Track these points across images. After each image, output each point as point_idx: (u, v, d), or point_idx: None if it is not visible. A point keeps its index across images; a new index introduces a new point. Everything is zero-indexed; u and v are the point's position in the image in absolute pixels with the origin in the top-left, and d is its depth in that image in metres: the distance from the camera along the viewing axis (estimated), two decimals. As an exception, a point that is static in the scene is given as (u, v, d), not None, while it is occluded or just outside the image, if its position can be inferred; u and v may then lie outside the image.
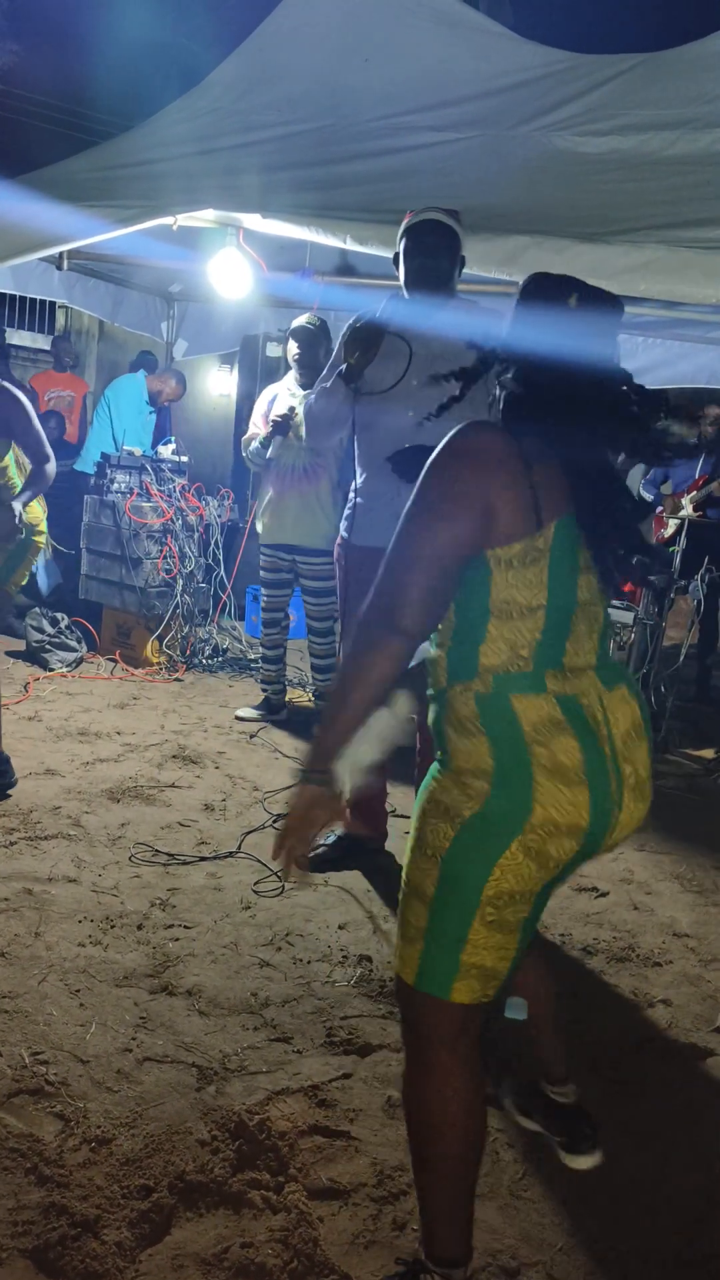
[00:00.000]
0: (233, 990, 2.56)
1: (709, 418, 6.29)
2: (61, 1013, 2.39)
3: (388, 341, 2.93)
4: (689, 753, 5.07)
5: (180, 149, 4.59)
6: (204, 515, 5.95)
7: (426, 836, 1.57)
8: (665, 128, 4.06)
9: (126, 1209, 1.84)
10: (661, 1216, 1.96)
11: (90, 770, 3.98)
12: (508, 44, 4.72)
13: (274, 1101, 2.14)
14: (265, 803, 3.85)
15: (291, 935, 2.88)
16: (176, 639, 5.83)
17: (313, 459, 4.57)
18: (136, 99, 6.89)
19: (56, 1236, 1.75)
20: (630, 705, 1.60)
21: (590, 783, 1.50)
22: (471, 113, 4.46)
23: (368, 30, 4.66)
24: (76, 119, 9.47)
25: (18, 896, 2.91)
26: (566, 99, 4.38)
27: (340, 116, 4.55)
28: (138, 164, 4.49)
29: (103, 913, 2.88)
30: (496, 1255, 1.83)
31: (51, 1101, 2.09)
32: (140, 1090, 2.15)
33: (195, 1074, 2.22)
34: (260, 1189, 1.92)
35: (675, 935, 3.12)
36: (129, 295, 7.22)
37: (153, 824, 3.53)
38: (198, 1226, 1.83)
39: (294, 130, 4.56)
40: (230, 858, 3.34)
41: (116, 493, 5.85)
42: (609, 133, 4.18)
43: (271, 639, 4.92)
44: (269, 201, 3.90)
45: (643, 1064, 2.45)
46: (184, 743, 4.41)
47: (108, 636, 5.96)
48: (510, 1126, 2.16)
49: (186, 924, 2.87)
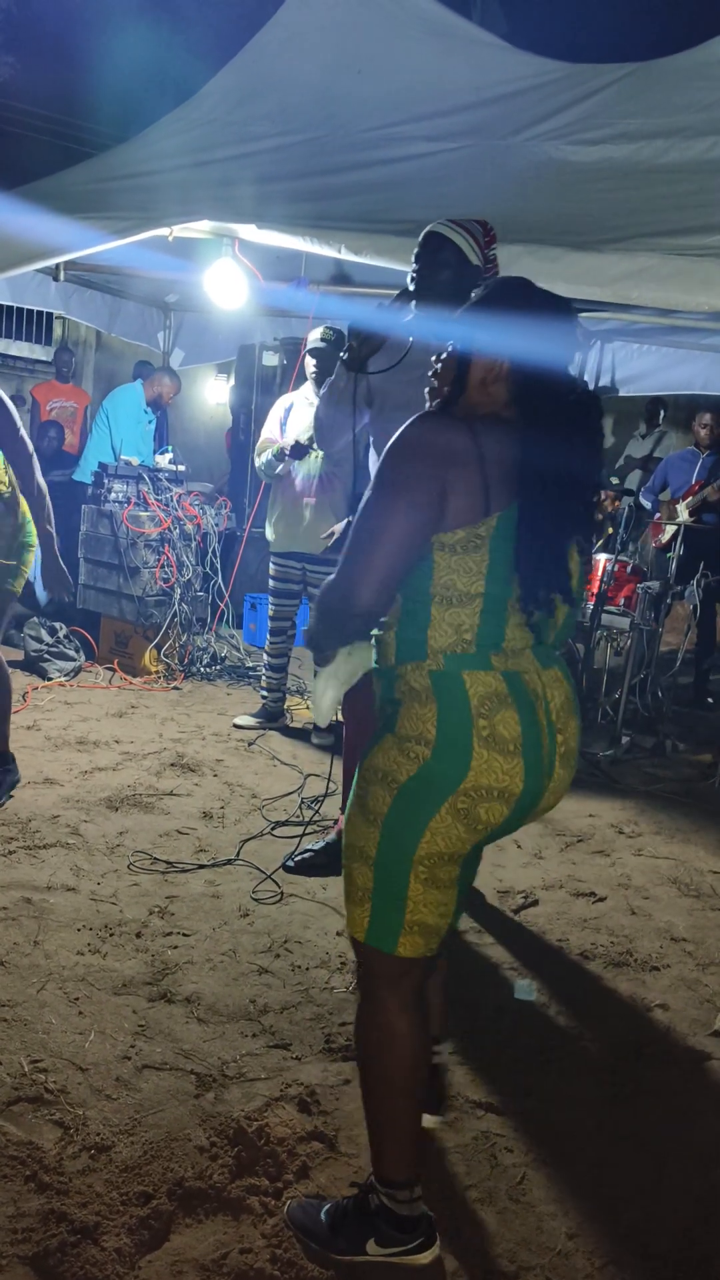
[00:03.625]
0: (231, 997, 2.57)
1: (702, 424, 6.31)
2: (60, 1021, 2.39)
3: (393, 338, 2.94)
4: (686, 757, 5.08)
5: (175, 160, 4.62)
6: (201, 524, 5.97)
7: (368, 802, 1.68)
8: (657, 136, 4.08)
9: (126, 1215, 1.84)
10: (659, 1221, 1.97)
11: (89, 779, 3.98)
12: (501, 54, 4.75)
13: (272, 1108, 2.15)
14: (264, 810, 3.85)
15: (290, 942, 2.88)
16: (174, 647, 5.84)
17: (329, 468, 4.58)
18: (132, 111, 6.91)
19: (56, 1243, 1.76)
20: (564, 684, 1.73)
21: (524, 754, 1.63)
22: (465, 123, 4.49)
23: (361, 41, 4.69)
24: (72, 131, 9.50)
25: (16, 905, 2.92)
26: (559, 108, 4.41)
27: (334, 127, 4.57)
28: (133, 176, 4.52)
29: (101, 921, 2.88)
30: (495, 1260, 1.83)
31: (51, 1109, 2.09)
32: (139, 1097, 2.16)
33: (194, 1081, 2.23)
34: (259, 1195, 1.92)
35: (673, 940, 3.13)
36: (126, 306, 7.25)
37: (151, 832, 3.54)
38: (197, 1233, 1.83)
39: (288, 141, 4.59)
40: (229, 865, 3.35)
41: (114, 502, 5.87)
42: (601, 142, 4.21)
43: (277, 647, 4.93)
44: (264, 212, 3.93)
45: (640, 1069, 2.46)
46: (182, 751, 4.42)
47: (106, 645, 5.97)
48: (509, 1132, 2.17)
49: (185, 931, 2.88)
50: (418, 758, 1.63)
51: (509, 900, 3.31)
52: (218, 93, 4.88)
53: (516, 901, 3.29)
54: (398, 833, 1.64)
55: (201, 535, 5.99)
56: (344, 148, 4.47)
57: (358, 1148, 2.07)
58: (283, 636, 4.92)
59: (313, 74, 4.68)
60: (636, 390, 7.18)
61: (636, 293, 3.33)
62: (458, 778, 1.61)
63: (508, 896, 3.33)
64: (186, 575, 5.87)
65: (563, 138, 4.26)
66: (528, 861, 3.64)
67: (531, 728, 1.63)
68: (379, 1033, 1.74)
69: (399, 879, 1.66)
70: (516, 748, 1.62)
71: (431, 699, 1.63)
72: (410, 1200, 1.77)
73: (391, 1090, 1.75)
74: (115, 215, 3.88)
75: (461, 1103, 2.25)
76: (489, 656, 1.63)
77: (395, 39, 4.65)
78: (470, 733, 1.60)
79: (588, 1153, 2.13)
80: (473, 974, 2.82)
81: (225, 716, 5.08)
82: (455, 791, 1.61)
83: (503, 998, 2.71)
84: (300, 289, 4.97)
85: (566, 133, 4.28)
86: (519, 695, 1.63)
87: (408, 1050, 1.74)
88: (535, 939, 3.07)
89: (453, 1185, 2.00)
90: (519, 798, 1.64)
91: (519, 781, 1.62)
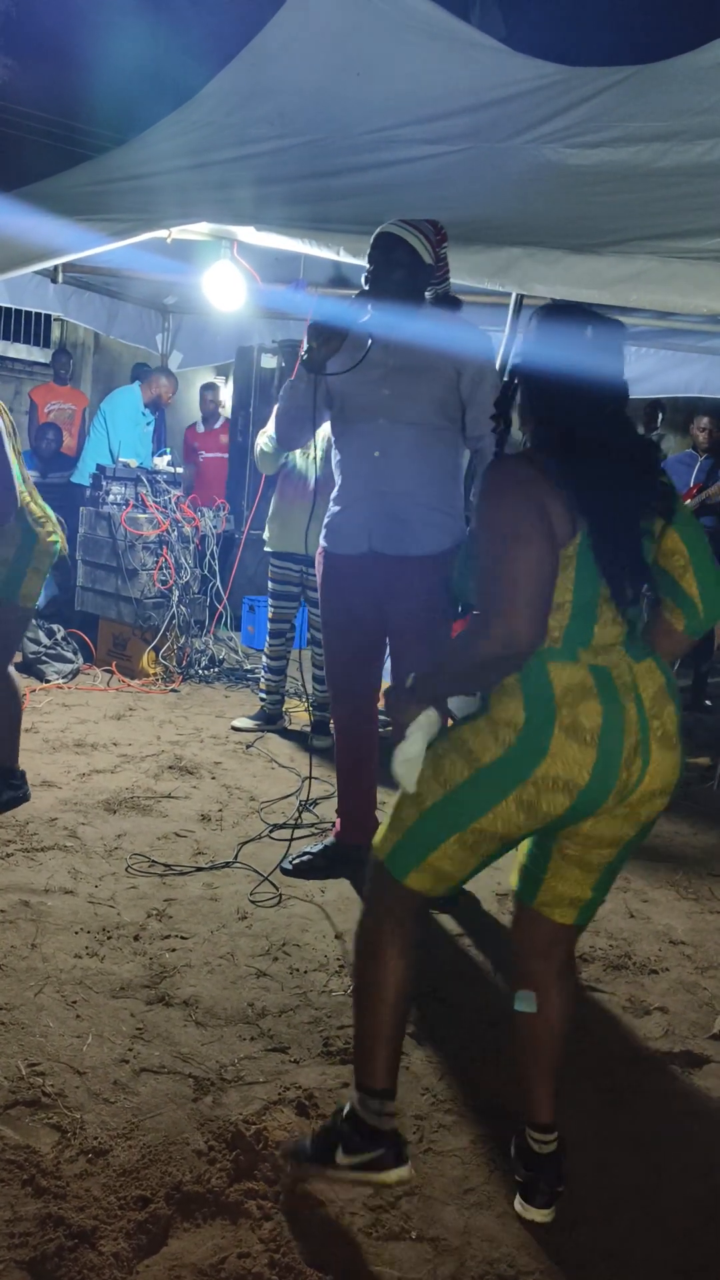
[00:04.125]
0: (229, 1000, 2.56)
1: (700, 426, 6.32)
2: (58, 1024, 2.39)
3: (352, 337, 2.95)
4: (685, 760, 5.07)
5: (174, 163, 4.62)
6: (199, 526, 5.97)
7: (444, 765, 1.79)
8: (656, 140, 4.09)
9: (123, 1220, 1.83)
10: (658, 1226, 1.96)
11: (87, 781, 3.98)
12: (499, 57, 4.76)
13: (271, 1111, 2.14)
14: (262, 813, 3.85)
15: (288, 945, 2.88)
16: (173, 650, 5.84)
17: (325, 468, 4.56)
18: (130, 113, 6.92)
19: (54, 1248, 1.75)
20: (657, 674, 1.83)
21: (601, 746, 1.71)
22: (464, 126, 4.49)
23: (360, 44, 4.70)
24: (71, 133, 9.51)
25: (14, 908, 2.91)
26: (558, 112, 4.41)
27: (333, 130, 4.58)
28: (132, 178, 4.52)
29: (99, 924, 2.88)
30: (494, 1264, 1.83)
31: (48, 1113, 2.08)
32: (137, 1101, 2.15)
33: (192, 1084, 2.22)
34: (257, 1199, 1.92)
35: (671, 942, 3.13)
36: (124, 308, 7.26)
37: (149, 835, 3.53)
38: (195, 1237, 1.83)
39: (287, 144, 4.60)
40: (227, 868, 3.34)
41: (112, 504, 5.86)
42: (600, 145, 4.21)
43: (276, 650, 4.92)
44: (262, 214, 3.93)
45: (639, 1072, 2.45)
46: (180, 753, 4.41)
47: (104, 648, 5.97)
48: (508, 1135, 2.16)
49: (183, 934, 2.87)
50: (504, 743, 1.72)
51: (508, 903, 3.30)
52: (216, 95, 4.88)
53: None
54: (462, 804, 1.77)
55: (200, 537, 5.99)
56: (343, 150, 4.47)
57: (356, 1151, 2.06)
58: (281, 639, 4.91)
59: (311, 77, 4.69)
60: (635, 393, 7.06)
61: (635, 295, 3.34)
62: (533, 764, 1.70)
63: (506, 900, 3.33)
64: (185, 577, 5.87)
65: (561, 141, 4.27)
66: (526, 864, 3.64)
67: (614, 719, 1.72)
68: (370, 944, 1.90)
69: (441, 834, 1.79)
70: (594, 739, 1.70)
71: (519, 690, 1.73)
72: (379, 1113, 1.86)
73: (373, 999, 1.88)
74: (114, 217, 3.88)
75: (460, 1106, 2.25)
76: (576, 650, 1.74)
77: (394, 42, 4.66)
78: (553, 719, 1.70)
79: (586, 1156, 2.12)
80: (470, 977, 2.82)
81: (223, 719, 5.07)
82: (527, 780, 1.71)
83: (501, 1001, 2.70)
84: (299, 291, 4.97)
85: (565, 136, 4.28)
86: (604, 688, 1.73)
87: (392, 965, 1.88)
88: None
89: (451, 1189, 2.00)
90: (583, 790, 1.71)
91: (586, 774, 1.70)
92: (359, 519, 3.12)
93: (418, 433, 3.03)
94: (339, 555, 3.20)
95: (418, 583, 3.09)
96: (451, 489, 3.15)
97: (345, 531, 3.17)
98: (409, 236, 2.95)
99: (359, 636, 3.26)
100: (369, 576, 3.14)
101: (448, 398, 3.03)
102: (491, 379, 3.06)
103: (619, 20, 9.81)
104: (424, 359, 2.99)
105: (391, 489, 3.06)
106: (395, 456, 3.05)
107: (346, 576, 3.20)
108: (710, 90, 4.14)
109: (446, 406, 3.04)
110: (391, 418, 3.03)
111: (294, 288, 4.89)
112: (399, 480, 3.06)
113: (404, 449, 3.04)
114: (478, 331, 3.21)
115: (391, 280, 2.96)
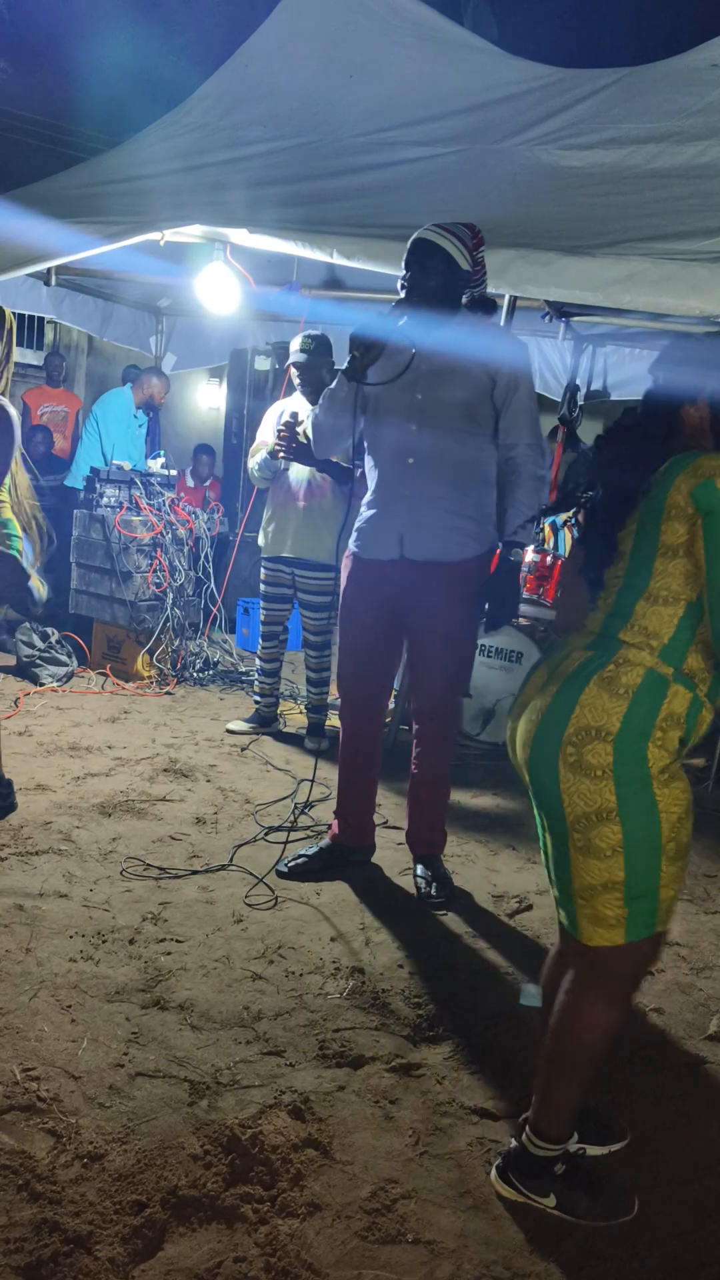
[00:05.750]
0: (225, 1004, 2.56)
1: None
2: (53, 1028, 2.38)
3: (392, 346, 2.93)
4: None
5: (167, 165, 4.63)
6: (194, 529, 5.96)
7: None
8: (649, 141, 4.10)
9: (119, 1225, 1.83)
10: (654, 1227, 1.96)
11: (81, 785, 3.97)
12: (492, 59, 4.76)
13: (266, 1115, 2.14)
14: (257, 815, 3.84)
15: (284, 948, 2.87)
16: (167, 652, 5.83)
17: (317, 473, 4.56)
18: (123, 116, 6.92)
19: (49, 1253, 1.75)
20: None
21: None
22: (456, 128, 4.50)
23: (353, 47, 4.70)
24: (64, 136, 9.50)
25: (9, 912, 2.90)
26: (551, 113, 4.42)
27: (326, 132, 4.58)
28: (125, 180, 4.52)
29: (94, 928, 2.87)
30: (490, 1266, 1.82)
31: (43, 1118, 2.08)
32: (132, 1105, 2.15)
33: (187, 1088, 2.22)
34: (253, 1203, 1.91)
35: (667, 944, 3.12)
36: (118, 310, 7.25)
37: (144, 838, 3.53)
38: (191, 1241, 1.82)
39: (280, 146, 4.60)
40: (222, 871, 3.34)
41: (106, 507, 5.86)
42: (593, 146, 4.22)
43: (269, 652, 4.92)
44: (255, 217, 3.93)
45: (635, 1073, 2.45)
46: (175, 756, 4.41)
47: (98, 651, 5.96)
48: (503, 1137, 2.16)
49: (178, 938, 2.87)
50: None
51: (504, 904, 3.30)
52: (209, 98, 4.89)
53: (511, 906, 3.29)
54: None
55: (194, 540, 5.98)
56: (336, 153, 4.48)
57: (352, 1154, 2.06)
58: (274, 641, 4.91)
59: (304, 79, 4.69)
60: (629, 395, 7.18)
61: (628, 297, 3.34)
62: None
63: (502, 901, 3.33)
64: (179, 580, 5.86)
65: (554, 143, 4.28)
66: (522, 866, 3.64)
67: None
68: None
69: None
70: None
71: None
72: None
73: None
74: (107, 220, 3.89)
75: (457, 1109, 2.25)
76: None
77: (387, 44, 4.66)
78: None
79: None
80: (467, 978, 2.82)
81: (218, 721, 5.07)
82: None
83: (496, 1002, 2.71)
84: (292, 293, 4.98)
85: (558, 138, 4.29)
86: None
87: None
88: (531, 943, 3.07)
89: (448, 1192, 2.00)
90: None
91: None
92: (391, 525, 3.10)
93: (451, 439, 3.02)
94: (368, 560, 3.18)
95: (443, 588, 3.08)
96: (484, 496, 3.13)
97: (376, 537, 3.15)
98: (445, 242, 2.93)
99: (376, 641, 3.25)
100: (394, 582, 3.13)
101: (481, 404, 3.02)
102: (526, 387, 3.06)
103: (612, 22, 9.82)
104: (459, 365, 2.98)
105: (424, 495, 3.05)
106: (428, 462, 3.03)
107: (373, 581, 3.18)
108: (703, 92, 4.15)
109: (479, 413, 3.03)
110: (424, 423, 3.02)
111: (287, 290, 4.89)
112: (431, 486, 3.04)
113: (437, 455, 3.03)
114: (513, 339, 3.20)
115: (428, 288, 2.95)
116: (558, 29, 9.42)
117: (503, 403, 3.04)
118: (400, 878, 3.43)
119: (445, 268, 2.94)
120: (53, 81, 9.62)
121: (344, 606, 3.30)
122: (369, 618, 3.23)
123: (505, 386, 3.02)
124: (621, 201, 3.84)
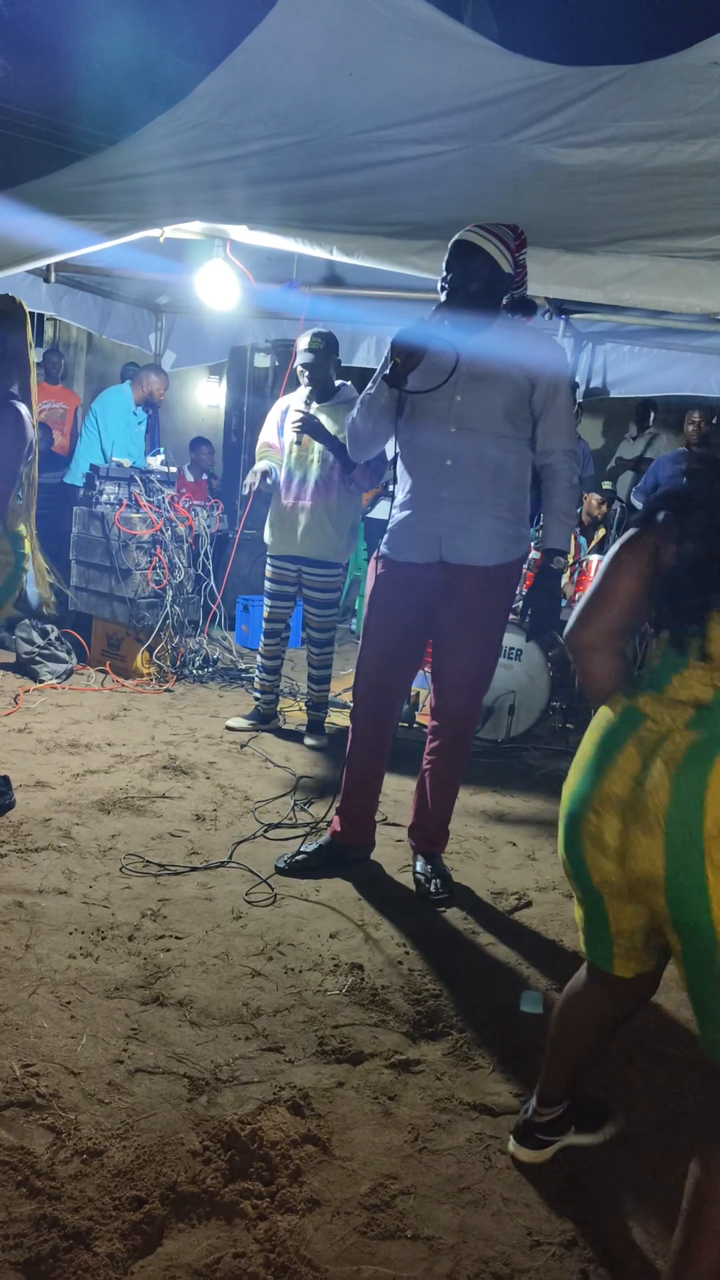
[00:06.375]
0: (224, 1000, 2.56)
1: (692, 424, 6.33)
2: (52, 1025, 2.38)
3: (434, 350, 2.92)
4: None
5: (166, 162, 4.62)
6: (193, 526, 5.96)
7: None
8: (648, 139, 4.10)
9: (118, 1220, 1.83)
10: (651, 1225, 1.97)
11: (81, 782, 3.97)
12: (492, 57, 4.76)
13: (266, 1111, 2.14)
14: (256, 812, 3.85)
15: (283, 945, 2.88)
16: (166, 650, 5.83)
17: (324, 472, 4.55)
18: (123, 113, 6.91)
19: (48, 1249, 1.75)
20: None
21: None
22: (457, 125, 4.49)
23: (353, 45, 4.69)
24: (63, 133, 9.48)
25: (8, 909, 2.91)
26: (551, 111, 4.42)
27: (326, 130, 4.58)
28: (124, 177, 4.51)
29: (94, 924, 2.87)
30: (489, 1262, 1.83)
31: (42, 1114, 2.08)
32: (132, 1101, 2.15)
33: (187, 1085, 2.22)
34: (252, 1199, 1.92)
35: (666, 941, 3.13)
36: (117, 307, 7.24)
37: (143, 835, 3.53)
38: (190, 1237, 1.83)
39: (279, 144, 4.59)
40: (221, 868, 3.34)
41: (105, 504, 5.86)
42: (593, 144, 4.22)
43: (271, 649, 4.92)
44: (255, 214, 3.93)
45: (632, 1071, 2.45)
46: (174, 753, 4.41)
47: (97, 648, 5.96)
48: (502, 1134, 2.16)
49: (177, 935, 2.87)
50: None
51: (503, 901, 3.31)
52: (209, 95, 4.88)
53: (511, 903, 3.29)
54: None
55: (194, 537, 5.98)
56: (335, 150, 4.47)
57: (351, 1150, 2.07)
58: (276, 639, 4.91)
59: (304, 77, 4.69)
60: (628, 392, 7.20)
61: (628, 294, 3.35)
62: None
63: (502, 898, 3.33)
64: (179, 577, 5.86)
65: (554, 140, 4.27)
66: (521, 863, 3.64)
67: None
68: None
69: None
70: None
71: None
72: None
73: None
74: (106, 217, 3.88)
75: (456, 1105, 2.25)
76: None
77: (386, 42, 4.66)
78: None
79: (581, 1155, 2.12)
80: (466, 975, 2.82)
81: (218, 719, 5.07)
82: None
83: (496, 999, 2.71)
84: (292, 290, 4.97)
85: (558, 135, 4.29)
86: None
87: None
88: (529, 941, 3.07)
89: (446, 1188, 2.00)
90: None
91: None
92: (430, 528, 3.08)
93: (488, 442, 3.00)
94: (401, 563, 3.14)
95: (475, 591, 3.07)
96: (519, 499, 3.12)
97: (412, 540, 3.12)
98: (487, 245, 2.89)
99: (403, 645, 3.23)
100: (428, 585, 3.11)
101: (519, 409, 3.01)
102: (565, 394, 3.04)
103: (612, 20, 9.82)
104: (499, 369, 2.96)
105: (462, 498, 3.03)
106: (465, 465, 3.01)
107: (406, 583, 3.15)
108: (703, 90, 4.15)
109: (517, 418, 3.02)
110: (463, 426, 3.00)
111: (287, 287, 4.89)
112: (470, 489, 3.02)
113: (475, 458, 3.01)
114: (553, 344, 3.18)
115: (469, 291, 2.93)
116: (558, 26, 9.43)
117: (541, 408, 3.02)
118: (399, 875, 3.44)
119: (487, 271, 2.91)
120: (52, 79, 9.60)
121: (373, 609, 3.25)
122: (400, 622, 3.19)
123: (545, 392, 3.00)
124: (621, 199, 3.84)
